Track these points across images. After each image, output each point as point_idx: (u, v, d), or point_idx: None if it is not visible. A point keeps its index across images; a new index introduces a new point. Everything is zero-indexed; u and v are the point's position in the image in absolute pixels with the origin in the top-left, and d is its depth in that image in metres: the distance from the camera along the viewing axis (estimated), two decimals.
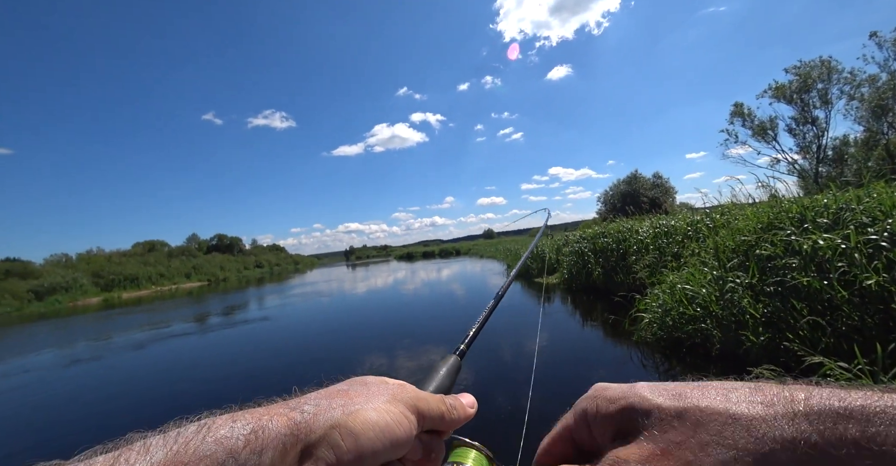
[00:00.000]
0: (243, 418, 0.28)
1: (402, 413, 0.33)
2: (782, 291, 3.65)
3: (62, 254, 52.03)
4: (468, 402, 0.42)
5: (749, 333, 3.70)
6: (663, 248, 6.86)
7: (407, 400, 0.35)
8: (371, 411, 0.32)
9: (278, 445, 0.27)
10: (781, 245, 3.88)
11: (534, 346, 5.11)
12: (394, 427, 0.32)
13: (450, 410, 0.38)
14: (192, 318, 13.56)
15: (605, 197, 36.90)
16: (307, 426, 0.29)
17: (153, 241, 67.67)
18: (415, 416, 0.34)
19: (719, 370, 3.74)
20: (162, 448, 0.24)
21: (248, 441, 0.26)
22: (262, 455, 0.26)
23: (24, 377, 7.29)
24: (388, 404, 0.33)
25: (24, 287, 36.94)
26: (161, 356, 7.73)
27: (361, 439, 0.30)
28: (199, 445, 0.25)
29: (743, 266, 4.29)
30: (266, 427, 0.27)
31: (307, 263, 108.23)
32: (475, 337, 0.57)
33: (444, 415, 0.37)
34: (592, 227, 10.90)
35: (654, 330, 4.76)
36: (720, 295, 4.19)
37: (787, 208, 4.35)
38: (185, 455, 0.24)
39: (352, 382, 0.36)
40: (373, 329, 7.85)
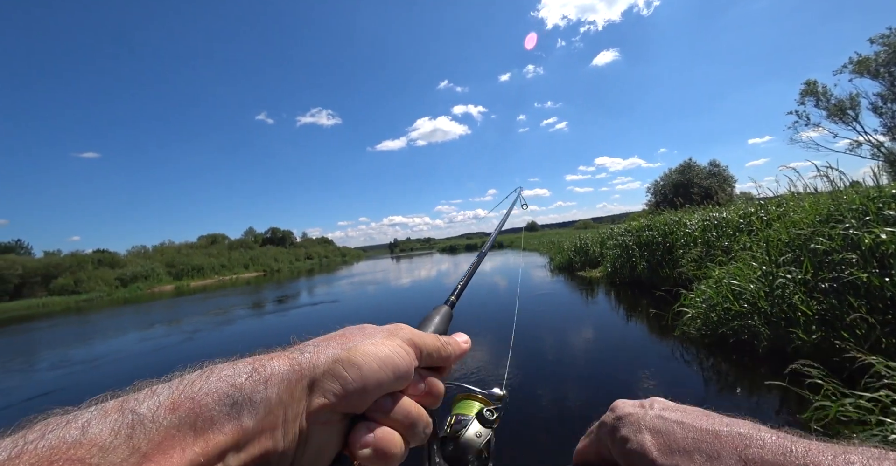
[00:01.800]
0: (243, 362, 0.30)
1: (399, 345, 0.35)
2: (838, 288, 3.48)
3: (141, 246, 58.04)
4: (462, 339, 0.44)
5: (800, 331, 3.57)
6: (712, 242, 6.57)
7: (402, 335, 0.37)
8: (369, 345, 0.33)
9: (282, 380, 0.28)
10: (839, 239, 3.67)
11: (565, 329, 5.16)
12: (393, 358, 0.33)
13: (444, 345, 0.40)
14: (265, 302, 14.86)
15: (656, 187, 35.03)
16: (309, 362, 0.30)
17: (215, 234, 73.55)
18: (412, 349, 0.36)
19: (767, 369, 3.65)
20: (167, 388, 0.25)
21: (250, 375, 0.28)
22: (268, 389, 0.27)
23: (160, 342, 8.47)
24: (386, 339, 0.35)
25: (112, 275, 41.79)
26: (252, 329, 9.12)
27: (364, 369, 0.31)
28: (203, 383, 0.26)
29: (797, 261, 4.10)
30: (267, 365, 0.29)
31: (354, 255, 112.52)
32: (463, 290, 0.60)
33: (440, 350, 0.39)
34: (638, 220, 10.54)
35: (697, 325, 4.67)
36: (770, 291, 4.04)
37: (849, 199, 4.07)
38: (190, 391, 0.25)
39: (346, 328, 0.38)
40: (416, 313, 8.21)
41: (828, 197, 4.47)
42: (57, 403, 0.24)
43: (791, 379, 2.91)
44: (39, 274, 40.69)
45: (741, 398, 3.34)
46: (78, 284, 39.21)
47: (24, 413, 0.23)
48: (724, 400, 3.31)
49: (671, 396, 0.43)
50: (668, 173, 34.31)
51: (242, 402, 0.26)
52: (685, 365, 4.15)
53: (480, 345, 5.42)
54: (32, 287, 40.12)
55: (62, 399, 2.76)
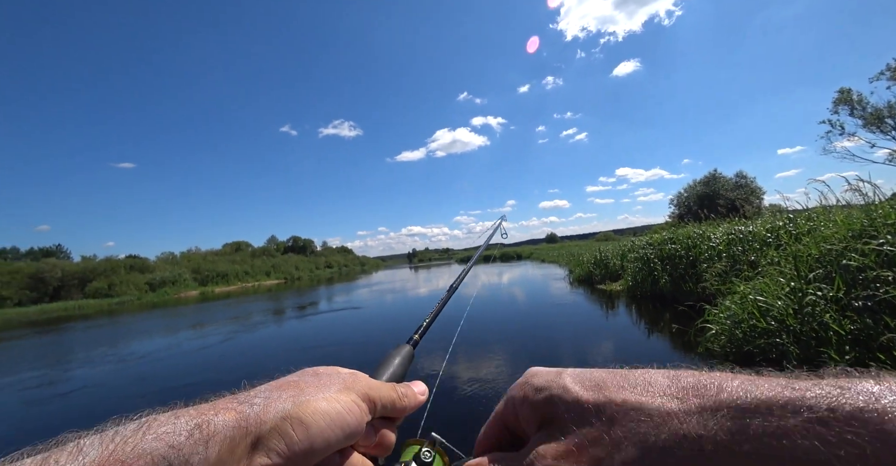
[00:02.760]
0: (187, 414, 0.27)
1: (353, 401, 0.33)
2: (872, 306, 3.32)
3: (170, 252, 60.21)
4: (419, 390, 0.42)
5: (832, 351, 3.41)
6: (737, 256, 6.37)
7: (358, 389, 0.35)
8: (322, 401, 0.32)
9: (225, 438, 0.27)
10: (873, 255, 3.52)
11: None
12: (345, 416, 0.32)
13: (401, 397, 0.39)
14: (288, 309, 15.21)
15: (679, 199, 34.24)
16: (257, 417, 0.29)
17: (239, 242, 75.69)
18: (366, 404, 0.35)
19: None
20: (97, 447, 0.23)
21: (191, 434, 0.26)
22: (209, 448, 0.26)
23: (199, 343, 8.83)
24: (340, 393, 0.33)
25: (143, 279, 43.50)
26: (279, 332, 9.70)
27: (313, 428, 0.30)
28: (137, 442, 0.24)
29: (828, 277, 3.94)
30: (211, 421, 0.27)
31: (373, 264, 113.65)
32: (428, 328, 0.57)
33: (395, 402, 0.38)
34: (660, 233, 10.32)
35: (721, 342, 4.52)
36: (799, 309, 3.89)
37: (884, 213, 3.91)
38: (122, 453, 0.23)
39: (303, 373, 0.36)
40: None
41: (861, 211, 4.30)
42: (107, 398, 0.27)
43: None
44: (77, 278, 42.72)
45: None
46: (111, 288, 40.97)
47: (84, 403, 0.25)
48: None
49: None
50: (692, 184, 33.53)
51: (179, 465, 0.24)
52: None
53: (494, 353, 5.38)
54: (70, 289, 42.11)
55: (111, 392, 2.84)
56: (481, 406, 3.88)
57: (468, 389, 4.32)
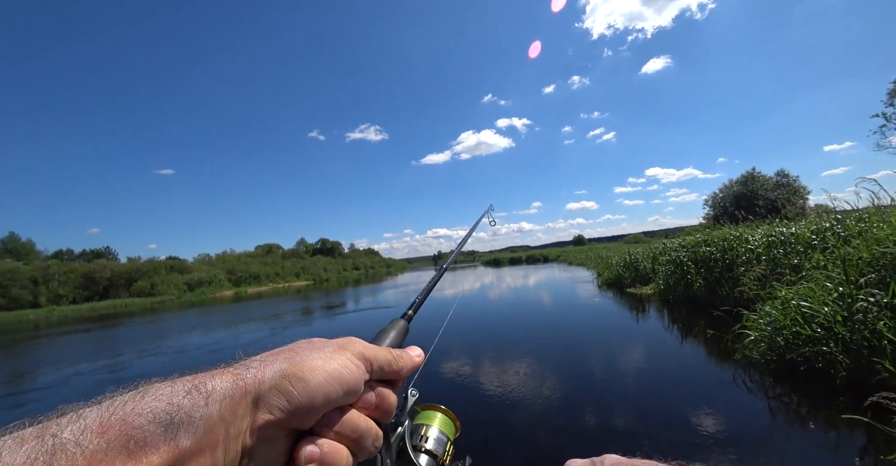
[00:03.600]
0: (183, 379, 0.28)
1: (349, 358, 0.34)
2: None
3: (206, 254, 63.12)
4: (415, 353, 0.43)
5: (886, 361, 3.18)
6: (778, 259, 6.03)
7: (353, 349, 0.36)
8: (318, 359, 0.33)
9: (224, 396, 0.27)
10: None
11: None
12: (342, 371, 0.33)
13: (396, 358, 0.40)
14: (324, 308, 15.67)
15: (714, 199, 32.75)
16: (255, 378, 0.30)
17: (270, 244, 78.37)
18: (362, 362, 0.35)
19: (847, 400, 3.27)
20: (95, 411, 0.24)
21: (189, 393, 0.26)
22: (209, 405, 0.26)
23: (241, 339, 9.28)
24: (335, 353, 0.34)
25: (181, 280, 45.75)
26: (318, 328, 9.25)
27: (311, 383, 0.30)
28: (136, 403, 0.24)
29: (881, 282, 3.68)
30: (208, 382, 0.28)
31: (399, 266, 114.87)
32: (421, 303, 0.59)
33: (391, 362, 0.39)
34: (694, 234, 9.92)
35: (761, 349, 4.29)
36: (848, 316, 3.65)
37: None
38: (121, 412, 0.24)
39: (296, 342, 0.37)
40: (459, 333, 8.22)
41: None
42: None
43: (875, 414, 2.60)
44: (123, 278, 45.47)
45: (815, 432, 3.01)
46: (153, 287, 43.38)
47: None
48: (795, 434, 3.01)
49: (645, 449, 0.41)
50: (728, 184, 32.00)
51: (180, 421, 0.25)
52: (748, 393, 3.81)
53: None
54: (117, 288, 44.86)
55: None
56: (511, 413, 3.85)
57: (498, 394, 4.30)
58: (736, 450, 2.78)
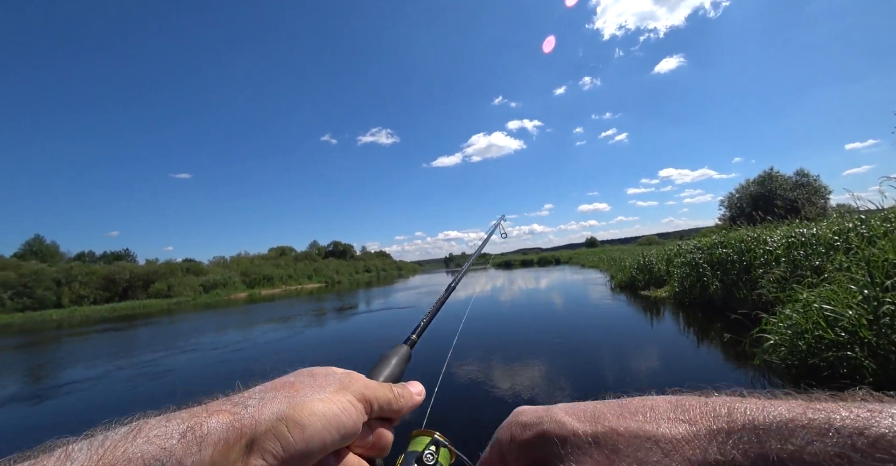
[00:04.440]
0: (178, 417, 0.27)
1: (349, 401, 0.33)
2: None
3: (221, 257, 64.28)
4: (416, 390, 0.42)
5: None
6: (798, 261, 5.86)
7: (354, 389, 0.35)
8: (317, 401, 0.31)
9: (219, 440, 0.26)
10: None
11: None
12: (341, 416, 0.32)
13: (397, 398, 0.38)
14: (338, 310, 15.89)
15: (731, 200, 32.00)
16: (252, 419, 0.29)
17: (283, 247, 79.38)
18: (362, 404, 0.35)
19: None
20: (85, 452, 0.23)
21: (183, 436, 0.25)
22: (202, 450, 0.25)
23: (270, 337, 9.48)
24: (336, 394, 0.33)
25: (197, 282, 46.59)
26: (340, 328, 10.26)
27: (308, 429, 0.30)
28: (128, 446, 0.23)
29: None
30: (204, 423, 0.27)
31: (410, 269, 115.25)
32: (425, 328, 0.56)
33: (391, 403, 0.38)
34: (709, 236, 9.71)
35: (782, 354, 4.16)
36: (874, 319, 3.51)
37: None
38: (111, 457, 0.22)
39: (298, 374, 0.36)
40: (473, 334, 8.19)
41: None
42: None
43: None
44: (141, 280, 46.56)
45: None
46: (170, 289, 44.27)
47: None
48: None
49: None
50: (744, 184, 31.25)
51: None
52: None
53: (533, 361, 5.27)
54: (136, 290, 45.96)
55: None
56: None
57: (509, 397, 4.26)
58: None
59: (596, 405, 0.31)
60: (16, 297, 38.29)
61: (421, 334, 0.55)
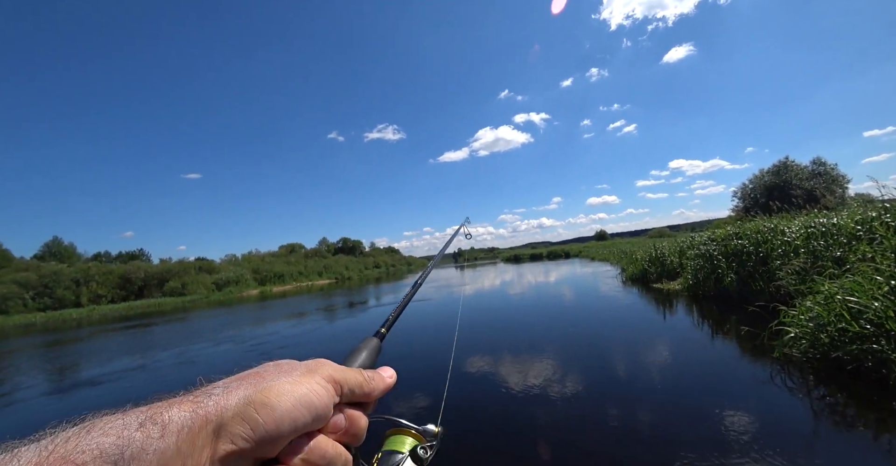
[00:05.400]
0: (136, 411, 0.26)
1: (318, 382, 0.33)
2: None
3: (232, 255, 65.03)
4: (388, 374, 0.42)
5: None
6: (819, 252, 5.69)
7: (322, 372, 0.34)
8: (285, 383, 0.31)
9: (182, 427, 0.25)
10: None
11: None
12: (310, 396, 0.31)
13: (368, 380, 0.38)
14: (350, 305, 15.93)
15: (744, 191, 31.38)
16: (217, 405, 0.28)
17: (293, 244, 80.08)
18: (332, 385, 0.34)
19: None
20: (34, 450, 0.21)
21: (142, 425, 0.24)
22: (165, 438, 0.24)
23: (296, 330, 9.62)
24: (303, 376, 0.33)
25: (210, 280, 47.33)
26: (355, 321, 10.00)
27: (277, 410, 0.29)
28: (80, 440, 0.22)
29: None
30: (164, 413, 0.26)
31: (419, 264, 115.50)
32: (395, 321, 0.56)
33: (362, 385, 0.37)
34: (724, 227, 9.51)
35: (802, 347, 4.05)
36: None
37: None
38: (62, 450, 0.21)
39: (263, 366, 0.35)
40: (475, 318, 8.17)
41: None
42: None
43: None
44: (156, 278, 47.40)
45: (865, 436, 2.81)
46: (184, 287, 45.03)
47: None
48: (841, 437, 2.82)
49: None
50: (758, 175, 30.59)
51: (131, 456, 0.22)
52: (787, 393, 3.61)
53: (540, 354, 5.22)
54: (151, 288, 46.82)
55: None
56: (530, 411, 3.78)
57: (518, 391, 4.23)
58: (775, 454, 2.62)
59: None
60: (37, 297, 39.33)
61: (390, 327, 0.54)
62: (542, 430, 3.33)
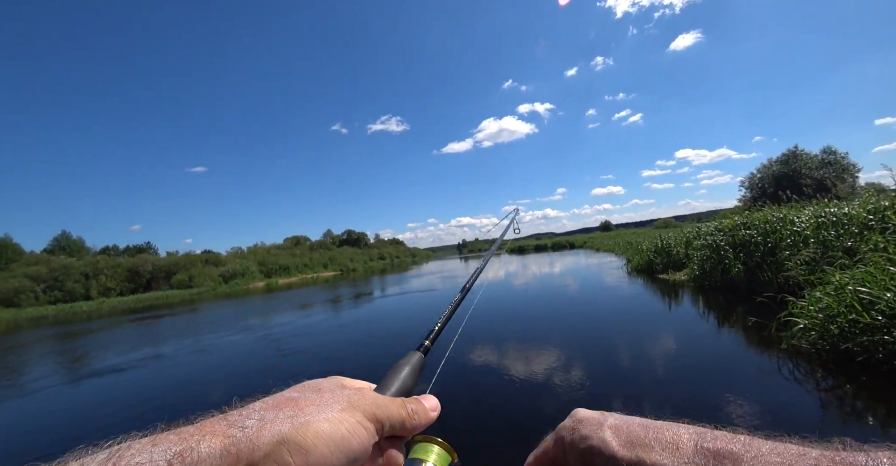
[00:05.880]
0: (167, 440, 0.24)
1: (358, 422, 0.31)
2: None
3: (238, 247, 65.50)
4: (431, 406, 0.39)
5: None
6: (829, 242, 5.60)
7: (365, 408, 0.32)
8: (324, 422, 0.29)
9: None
10: None
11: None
12: (350, 439, 0.29)
13: (411, 416, 0.36)
14: (356, 297, 16.06)
15: (752, 180, 30.95)
16: (249, 442, 0.26)
17: (298, 236, 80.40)
18: (373, 425, 0.32)
19: None
20: None
21: (170, 465, 0.23)
22: None
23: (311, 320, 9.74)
24: (344, 413, 0.30)
25: (216, 272, 47.75)
26: (365, 313, 10.14)
27: (313, 454, 0.27)
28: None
29: None
30: (195, 449, 0.24)
31: (423, 256, 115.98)
32: (440, 333, 0.53)
33: (405, 422, 0.35)
34: (731, 217, 9.40)
35: (811, 338, 4.01)
36: None
37: None
38: None
39: (303, 388, 0.33)
40: (480, 313, 8.17)
41: None
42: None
43: None
44: (163, 271, 47.91)
45: (875, 427, 2.79)
46: (191, 280, 45.51)
47: None
48: (851, 428, 2.80)
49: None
50: (766, 164, 30.12)
51: None
52: (795, 384, 3.58)
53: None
54: (158, 281, 47.36)
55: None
56: (535, 401, 3.78)
57: (522, 381, 4.23)
58: None
59: (637, 427, 0.35)
60: (48, 291, 39.93)
61: (435, 339, 0.51)
62: (545, 419, 3.34)
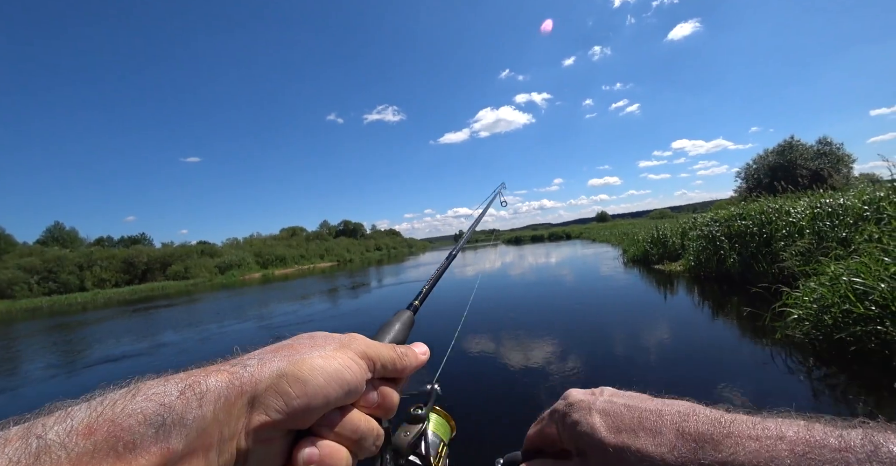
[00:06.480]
0: (177, 377, 0.27)
1: (350, 358, 0.33)
2: None
3: (234, 238, 65.23)
4: (421, 350, 0.42)
5: None
6: (824, 233, 5.63)
7: (355, 347, 0.35)
8: (318, 358, 0.31)
9: (219, 397, 0.26)
10: None
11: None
12: (343, 372, 0.32)
13: (401, 356, 0.38)
14: (355, 287, 16.05)
15: (748, 171, 31.05)
16: (251, 377, 0.28)
17: (294, 227, 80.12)
18: (364, 361, 0.35)
19: None
20: (84, 411, 0.23)
21: (182, 393, 0.25)
22: (203, 406, 0.25)
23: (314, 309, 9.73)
24: (336, 351, 0.33)
25: (212, 263, 47.54)
26: (357, 303, 9.83)
27: (310, 384, 0.29)
28: (127, 403, 0.24)
29: None
30: (202, 381, 0.27)
31: (420, 246, 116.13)
32: (428, 294, 0.57)
33: (395, 361, 0.38)
34: (727, 208, 9.43)
35: (805, 328, 4.05)
36: None
37: None
38: (111, 413, 0.23)
39: (297, 337, 0.36)
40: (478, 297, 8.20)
41: None
42: None
43: None
44: (159, 262, 47.64)
45: (865, 416, 2.83)
46: (187, 271, 45.29)
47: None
48: (841, 416, 2.83)
49: (619, 385, 0.44)
50: (763, 155, 30.20)
51: (172, 423, 0.24)
52: (789, 374, 3.63)
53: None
54: (154, 272, 47.12)
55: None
56: (531, 390, 3.81)
57: (520, 371, 4.26)
58: None
59: (624, 409, 0.37)
60: (42, 282, 39.65)
61: (424, 300, 0.55)
62: (543, 398, 3.36)
